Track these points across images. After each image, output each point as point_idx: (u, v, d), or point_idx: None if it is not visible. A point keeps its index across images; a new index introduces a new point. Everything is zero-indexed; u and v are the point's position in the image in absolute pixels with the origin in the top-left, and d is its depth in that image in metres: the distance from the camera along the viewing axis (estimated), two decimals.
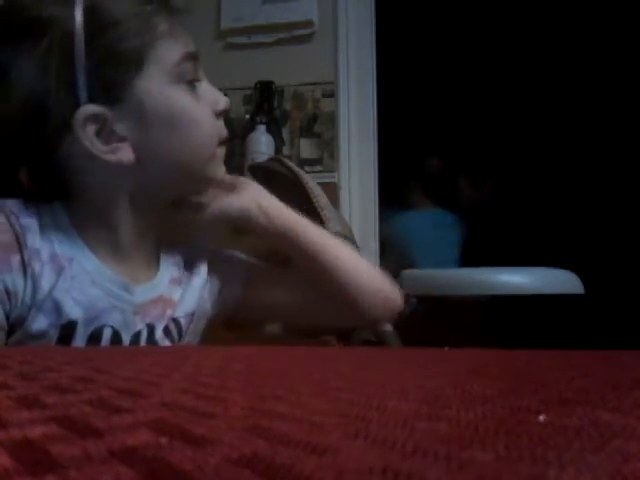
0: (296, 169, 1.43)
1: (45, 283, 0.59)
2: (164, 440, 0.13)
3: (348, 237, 1.39)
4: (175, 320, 0.69)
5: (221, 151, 0.72)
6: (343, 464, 0.10)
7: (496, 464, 0.10)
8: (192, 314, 0.71)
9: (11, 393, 0.19)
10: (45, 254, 0.61)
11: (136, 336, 0.65)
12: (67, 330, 0.60)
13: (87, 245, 0.64)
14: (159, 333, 0.67)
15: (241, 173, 2.05)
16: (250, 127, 1.95)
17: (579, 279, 1.39)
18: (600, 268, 2.83)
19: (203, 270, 0.75)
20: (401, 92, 3.12)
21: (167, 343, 0.67)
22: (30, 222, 0.62)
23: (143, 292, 0.67)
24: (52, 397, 0.18)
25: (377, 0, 2.06)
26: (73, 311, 0.60)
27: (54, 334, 0.59)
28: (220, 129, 0.70)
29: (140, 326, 0.66)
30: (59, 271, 0.61)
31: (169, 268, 0.72)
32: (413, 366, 0.35)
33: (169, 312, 0.69)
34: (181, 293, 0.71)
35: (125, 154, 0.62)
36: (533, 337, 2.15)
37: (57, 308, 0.60)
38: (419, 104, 3.39)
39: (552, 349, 0.40)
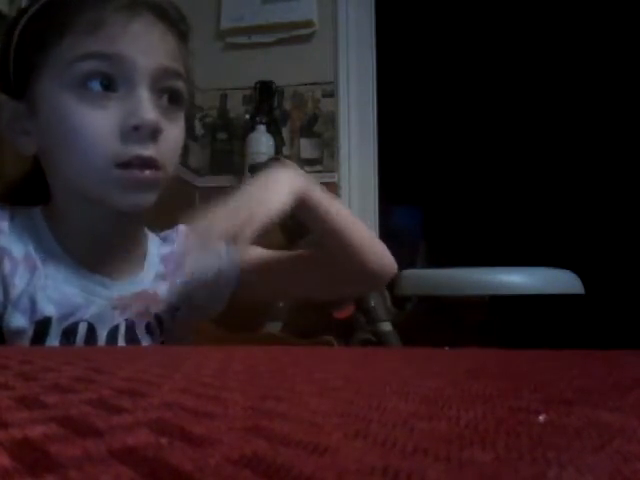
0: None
1: (19, 281, 0.61)
2: (164, 440, 0.13)
3: None
4: (157, 316, 0.69)
5: (126, 175, 0.60)
6: (343, 464, 0.10)
7: (496, 464, 0.10)
8: (175, 309, 0.71)
9: (11, 393, 0.19)
10: (19, 254, 0.62)
11: (114, 331, 0.65)
12: (41, 326, 0.61)
13: (62, 247, 0.65)
14: (140, 330, 0.67)
15: (241, 173, 2.06)
16: (250, 127, 1.95)
17: (579, 279, 1.39)
18: (600, 268, 2.83)
19: (190, 265, 0.74)
20: (401, 92, 3.12)
21: (148, 340, 0.67)
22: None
23: (123, 286, 0.67)
24: (52, 397, 0.18)
25: (377, 0, 2.07)
26: (47, 308, 0.61)
27: (30, 330, 0.60)
28: (120, 149, 0.59)
29: (118, 320, 0.66)
30: (32, 270, 0.62)
31: (155, 263, 0.72)
32: (413, 366, 0.35)
33: (153, 308, 0.69)
34: (165, 289, 0.71)
35: (25, 147, 0.64)
36: (533, 337, 2.15)
37: (32, 305, 0.61)
38: (419, 104, 3.39)
39: (552, 349, 0.40)
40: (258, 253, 0.79)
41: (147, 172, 0.60)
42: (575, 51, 3.26)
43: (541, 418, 0.15)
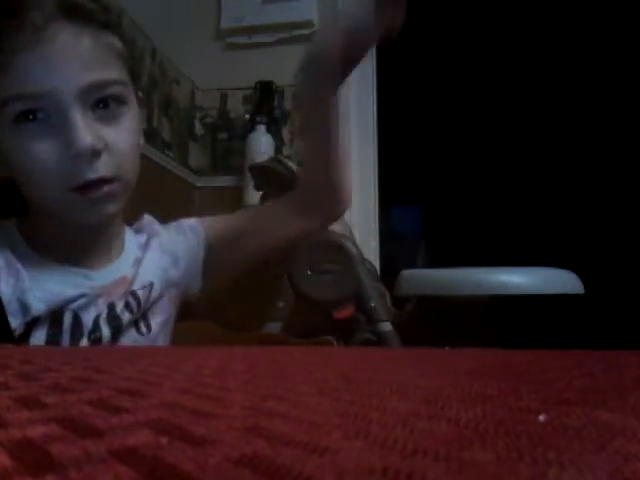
0: (296, 169, 1.43)
1: (5, 288, 0.61)
2: (164, 440, 0.13)
3: (348, 237, 1.39)
4: (133, 293, 0.70)
5: (84, 197, 0.61)
6: (343, 464, 0.10)
7: (496, 464, 0.10)
8: (150, 284, 0.72)
9: (11, 393, 0.19)
10: (0, 262, 0.63)
11: (97, 317, 0.67)
12: (31, 323, 0.62)
13: (41, 257, 0.67)
14: (120, 308, 0.68)
15: (241, 173, 2.06)
16: (250, 127, 1.95)
17: (579, 279, 1.39)
18: (600, 268, 2.83)
19: (159, 242, 0.76)
20: (401, 92, 3.12)
21: (127, 316, 0.68)
22: None
23: (104, 275, 0.70)
24: (52, 397, 0.18)
25: None
26: (37, 306, 0.62)
27: (21, 329, 0.61)
28: (69, 175, 0.60)
29: (102, 307, 0.67)
30: (16, 274, 0.63)
31: (133, 250, 0.75)
32: (413, 366, 0.35)
33: (134, 287, 0.71)
34: (137, 268, 0.72)
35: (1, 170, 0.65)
36: (533, 337, 2.15)
37: (23, 307, 0.62)
38: (419, 104, 3.39)
39: (552, 349, 0.40)
40: (222, 221, 0.82)
41: (105, 188, 0.62)
42: (575, 51, 3.26)
43: (541, 418, 0.15)
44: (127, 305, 0.69)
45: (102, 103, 0.62)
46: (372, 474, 0.10)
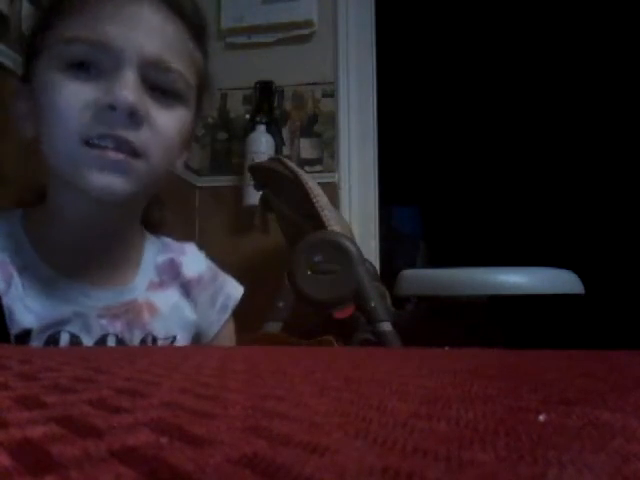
0: (296, 169, 1.43)
1: None
2: (164, 440, 0.13)
3: (347, 237, 1.39)
4: (154, 339, 0.66)
5: (94, 153, 0.56)
6: (343, 464, 0.10)
7: (496, 464, 0.10)
8: (174, 337, 0.68)
9: (11, 393, 0.19)
10: None
11: (101, 341, 0.62)
12: (21, 339, 0.58)
13: (40, 255, 0.62)
14: (132, 342, 0.64)
15: (241, 173, 2.06)
16: (250, 127, 1.95)
17: (579, 279, 1.39)
18: (600, 268, 2.83)
19: (194, 292, 0.72)
20: (401, 92, 3.12)
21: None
22: None
23: (110, 295, 0.64)
24: (52, 397, 0.18)
25: (377, 0, 2.06)
26: (26, 319, 0.58)
27: (11, 343, 0.56)
28: (88, 125, 0.55)
29: (109, 330, 0.63)
30: (8, 279, 0.59)
31: (149, 271, 0.69)
32: (413, 366, 0.35)
33: (147, 318, 0.66)
34: (162, 315, 0.67)
35: (25, 130, 0.62)
36: (533, 337, 2.15)
37: (10, 316, 0.58)
38: (419, 104, 3.39)
39: (552, 349, 0.40)
40: (228, 332, 0.78)
41: (120, 154, 0.56)
42: (575, 51, 3.26)
43: (541, 418, 0.15)
44: (144, 343, 0.65)
45: (160, 90, 0.60)
46: (372, 474, 0.10)
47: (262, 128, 1.93)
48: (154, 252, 0.72)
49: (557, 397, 0.19)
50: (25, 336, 0.58)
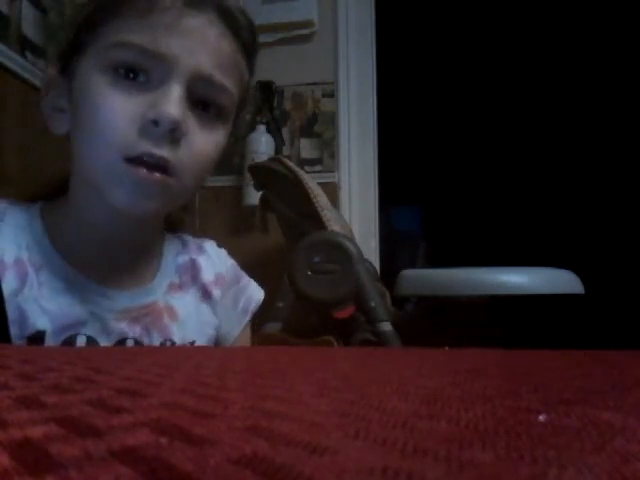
0: (296, 169, 1.43)
1: (4, 287, 0.54)
2: (164, 440, 0.13)
3: (347, 237, 1.39)
4: (173, 344, 0.65)
5: (131, 172, 0.54)
6: (343, 464, 0.10)
7: (496, 464, 0.10)
8: (192, 342, 0.67)
9: (11, 393, 0.19)
10: (9, 258, 0.57)
11: (121, 344, 0.61)
12: (35, 341, 0.56)
13: (59, 251, 0.60)
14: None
15: (241, 173, 2.06)
16: (250, 127, 1.95)
17: (579, 279, 1.39)
18: (600, 268, 2.83)
19: (215, 294, 0.71)
20: (401, 92, 3.12)
21: None
22: None
23: (129, 297, 0.63)
24: (52, 397, 0.18)
25: (377, 0, 2.06)
26: (40, 321, 0.56)
27: (23, 345, 0.55)
28: (132, 141, 0.54)
29: (128, 334, 0.61)
30: (23, 277, 0.57)
31: (170, 273, 0.68)
32: (413, 366, 0.35)
33: (166, 322, 0.65)
34: (182, 320, 0.66)
35: (57, 125, 0.61)
36: (533, 337, 2.15)
37: (22, 317, 0.56)
38: (419, 104, 3.39)
39: (552, 349, 0.40)
40: (245, 336, 0.77)
41: (156, 175, 0.55)
42: (575, 51, 3.26)
43: (541, 418, 0.15)
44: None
45: (203, 105, 0.59)
46: (372, 474, 0.10)
47: (262, 128, 1.93)
48: (174, 252, 0.71)
49: (557, 397, 0.19)
50: (39, 338, 0.56)
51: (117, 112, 0.54)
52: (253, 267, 0.83)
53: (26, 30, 1.52)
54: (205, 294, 0.71)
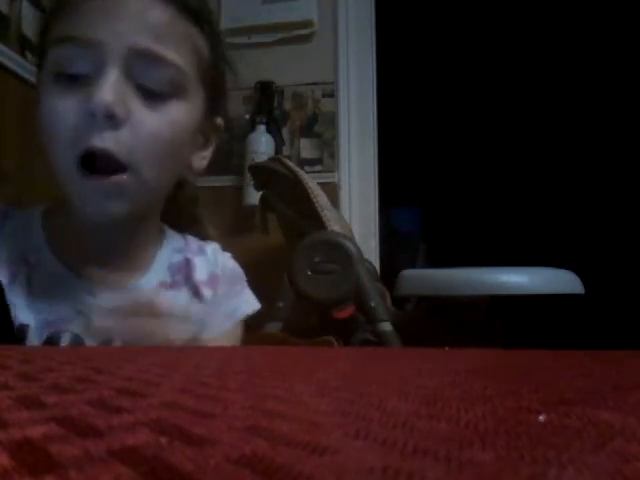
0: (296, 169, 1.43)
1: None
2: (164, 440, 0.13)
3: (347, 237, 1.39)
4: (157, 341, 0.64)
5: (87, 181, 0.53)
6: (343, 464, 0.10)
7: (496, 464, 0.10)
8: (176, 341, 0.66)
9: (11, 393, 0.19)
10: (2, 255, 0.58)
11: (106, 343, 0.60)
12: (19, 334, 0.56)
13: (52, 249, 0.61)
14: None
15: (241, 173, 2.06)
16: (250, 127, 1.95)
17: (579, 279, 1.39)
18: (600, 268, 2.83)
19: (206, 294, 0.69)
20: (401, 92, 3.12)
21: None
22: None
23: (117, 296, 0.62)
24: (52, 397, 0.18)
25: (377, 0, 2.07)
26: (23, 314, 0.57)
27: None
28: (76, 139, 0.52)
29: (114, 332, 0.61)
30: (14, 273, 0.58)
31: (161, 271, 0.67)
32: (413, 366, 0.35)
33: (153, 319, 0.64)
34: (168, 317, 0.65)
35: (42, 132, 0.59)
36: (533, 337, 2.15)
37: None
38: (419, 104, 3.39)
39: (552, 349, 0.40)
40: (226, 339, 0.73)
41: (109, 178, 0.53)
42: (575, 51, 3.26)
43: (541, 418, 0.15)
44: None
45: (151, 85, 0.55)
46: (372, 473, 0.10)
47: (262, 128, 1.93)
48: (170, 252, 0.69)
49: (557, 397, 0.19)
50: (22, 332, 0.57)
51: (59, 114, 0.53)
52: (253, 267, 0.83)
53: (26, 30, 1.52)
54: (196, 294, 0.69)
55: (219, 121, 0.69)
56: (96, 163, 0.53)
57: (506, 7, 3.20)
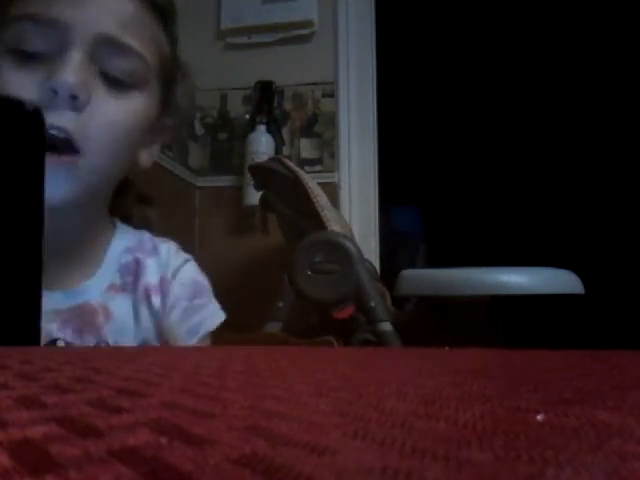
0: (296, 169, 1.43)
1: None
2: (164, 440, 0.13)
3: (347, 237, 1.39)
4: (107, 345, 0.61)
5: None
6: (343, 464, 0.11)
7: (494, 464, 0.10)
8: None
9: (11, 393, 0.19)
10: None
11: (52, 343, 0.57)
12: None
13: None
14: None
15: (241, 173, 2.06)
16: (250, 127, 1.95)
17: (579, 279, 1.39)
18: (600, 268, 2.82)
19: (154, 300, 0.65)
20: (401, 92, 3.12)
21: None
22: None
23: (61, 298, 0.59)
24: (52, 397, 0.18)
25: (377, 0, 2.07)
26: None
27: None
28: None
29: (58, 335, 0.58)
30: None
31: (111, 272, 0.64)
32: (413, 366, 0.35)
33: (101, 323, 0.61)
34: (117, 320, 0.62)
35: None
36: (533, 337, 2.15)
37: None
38: (419, 104, 3.39)
39: (552, 349, 0.40)
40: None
41: (59, 157, 0.52)
42: (575, 51, 3.26)
43: (539, 418, 0.15)
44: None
45: (114, 73, 0.55)
46: (371, 474, 0.10)
47: (262, 128, 1.93)
48: (120, 251, 0.66)
49: (556, 397, 0.19)
50: None
51: (17, 90, 0.52)
52: (253, 267, 0.83)
53: None
54: (146, 297, 0.66)
55: (169, 121, 0.68)
56: (50, 141, 0.52)
57: (506, 7, 3.20)
